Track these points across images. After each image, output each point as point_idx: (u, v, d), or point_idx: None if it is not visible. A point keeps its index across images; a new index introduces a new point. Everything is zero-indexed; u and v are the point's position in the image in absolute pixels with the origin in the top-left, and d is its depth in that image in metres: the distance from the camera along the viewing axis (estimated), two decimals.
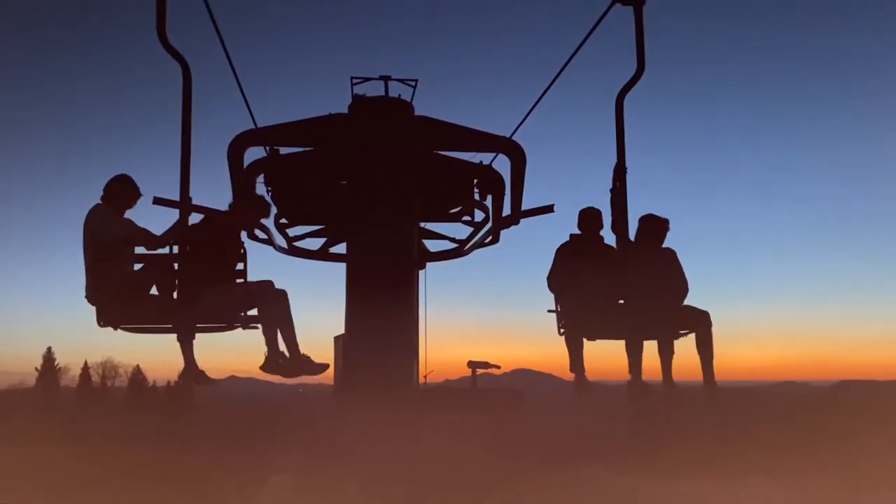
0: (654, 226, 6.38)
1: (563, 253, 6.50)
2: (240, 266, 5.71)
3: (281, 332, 5.62)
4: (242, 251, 5.74)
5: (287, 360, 5.58)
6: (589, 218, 6.50)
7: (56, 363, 53.21)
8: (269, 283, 5.66)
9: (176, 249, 5.60)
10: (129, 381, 56.49)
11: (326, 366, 5.88)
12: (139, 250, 5.71)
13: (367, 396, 6.33)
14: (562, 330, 6.36)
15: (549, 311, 6.42)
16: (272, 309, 5.58)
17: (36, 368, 52.12)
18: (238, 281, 5.67)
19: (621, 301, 6.29)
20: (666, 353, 6.31)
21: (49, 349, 52.83)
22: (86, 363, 55.44)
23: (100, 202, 5.67)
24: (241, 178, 6.76)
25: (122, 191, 5.70)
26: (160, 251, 5.67)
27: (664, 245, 6.45)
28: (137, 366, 57.24)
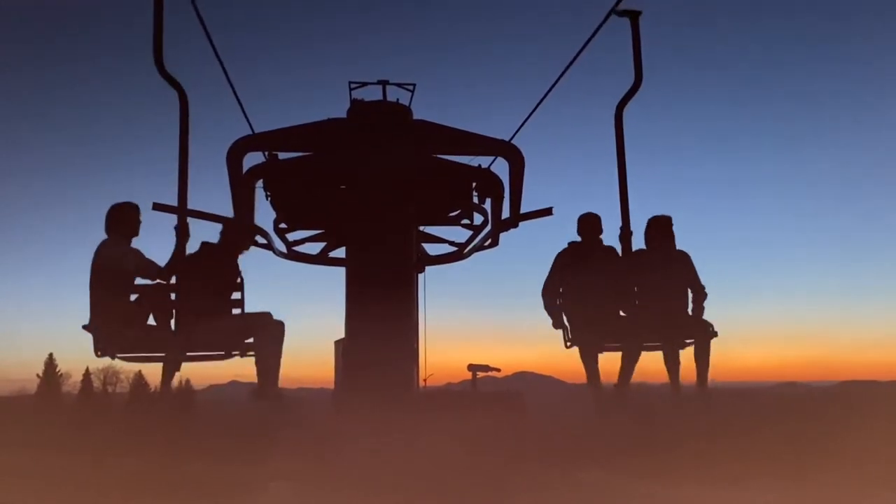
0: (661, 225, 6.37)
1: (560, 263, 6.46)
2: (237, 296, 5.74)
3: (269, 363, 5.65)
4: (240, 280, 5.77)
5: (265, 391, 5.64)
6: (588, 224, 6.48)
7: (58, 369, 53.36)
8: (268, 315, 5.67)
9: (174, 279, 5.61)
10: (130, 387, 56.47)
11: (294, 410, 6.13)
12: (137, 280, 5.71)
13: (368, 400, 6.34)
14: (568, 343, 6.33)
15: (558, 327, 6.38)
16: (268, 341, 5.62)
17: (38, 375, 52.24)
18: (235, 311, 5.70)
19: (622, 313, 6.29)
20: (673, 364, 6.29)
21: (51, 355, 53.03)
22: (87, 369, 55.48)
23: (108, 237, 5.63)
24: (240, 183, 6.77)
25: (126, 219, 5.69)
26: (158, 282, 5.67)
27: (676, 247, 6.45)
28: (139, 371, 57.31)
